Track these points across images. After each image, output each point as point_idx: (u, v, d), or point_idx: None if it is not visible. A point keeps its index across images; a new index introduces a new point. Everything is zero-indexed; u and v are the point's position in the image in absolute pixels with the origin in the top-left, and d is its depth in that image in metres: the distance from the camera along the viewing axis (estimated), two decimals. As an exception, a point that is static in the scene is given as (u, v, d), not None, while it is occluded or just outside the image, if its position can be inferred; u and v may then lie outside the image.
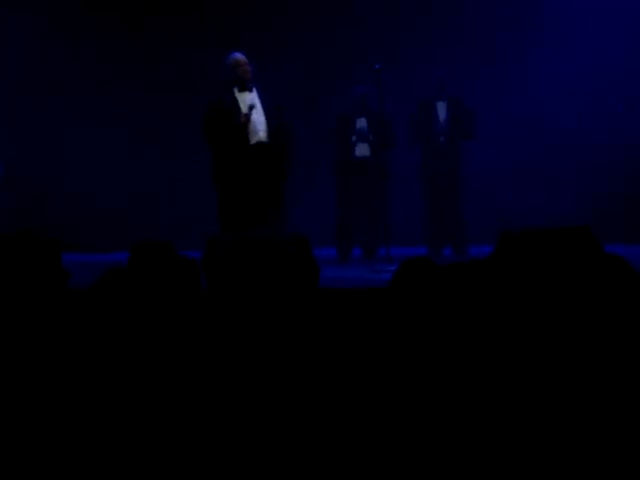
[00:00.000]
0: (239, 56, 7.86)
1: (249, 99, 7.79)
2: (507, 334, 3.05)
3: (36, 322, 3.20)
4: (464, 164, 9.57)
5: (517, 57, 10.61)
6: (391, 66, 9.22)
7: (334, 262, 9.24)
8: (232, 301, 3.18)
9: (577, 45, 10.61)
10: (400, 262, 3.38)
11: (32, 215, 10.27)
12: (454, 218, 9.57)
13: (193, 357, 3.03)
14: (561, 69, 10.61)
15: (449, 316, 3.08)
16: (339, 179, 9.62)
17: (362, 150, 9.53)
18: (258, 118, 7.74)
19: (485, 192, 10.26)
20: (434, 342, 3.01)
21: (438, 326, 3.05)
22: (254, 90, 7.85)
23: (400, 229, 9.42)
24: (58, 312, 3.25)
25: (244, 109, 7.73)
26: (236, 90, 7.82)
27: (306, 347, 3.05)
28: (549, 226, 3.51)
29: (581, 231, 3.47)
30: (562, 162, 10.58)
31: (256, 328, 3.08)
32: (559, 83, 10.62)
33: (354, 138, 9.50)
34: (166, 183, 10.69)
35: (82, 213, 10.55)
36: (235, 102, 7.77)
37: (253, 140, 7.73)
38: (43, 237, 3.75)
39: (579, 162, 10.47)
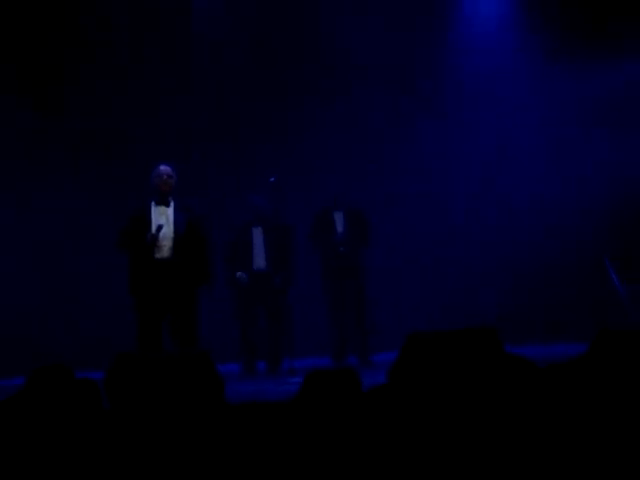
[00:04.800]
0: (161, 169, 7.77)
1: (163, 214, 7.71)
2: (415, 440, 3.02)
3: None
4: (365, 272, 9.63)
5: (410, 164, 10.83)
6: (290, 175, 9.33)
7: (239, 376, 9.15)
8: (135, 420, 3.10)
9: (475, 154, 10.89)
10: (305, 374, 3.34)
11: None
12: (357, 326, 9.58)
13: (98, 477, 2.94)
14: (462, 173, 10.87)
15: (359, 427, 3.04)
16: (238, 292, 9.57)
17: (259, 263, 9.52)
18: (165, 234, 7.67)
19: (389, 298, 10.31)
20: (345, 454, 2.97)
21: (348, 438, 3.01)
22: (171, 204, 7.78)
23: (303, 340, 9.39)
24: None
25: (159, 222, 7.66)
26: (153, 203, 7.76)
27: (213, 463, 2.98)
28: (454, 328, 3.52)
29: (485, 332, 3.49)
30: (465, 265, 10.74)
31: (161, 446, 2.99)
32: (461, 184, 10.85)
33: (255, 251, 9.50)
34: (68, 303, 10.46)
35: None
36: (147, 218, 7.70)
37: (157, 255, 7.65)
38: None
39: (483, 263, 10.66)
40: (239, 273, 9.43)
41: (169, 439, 3.02)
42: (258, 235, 9.54)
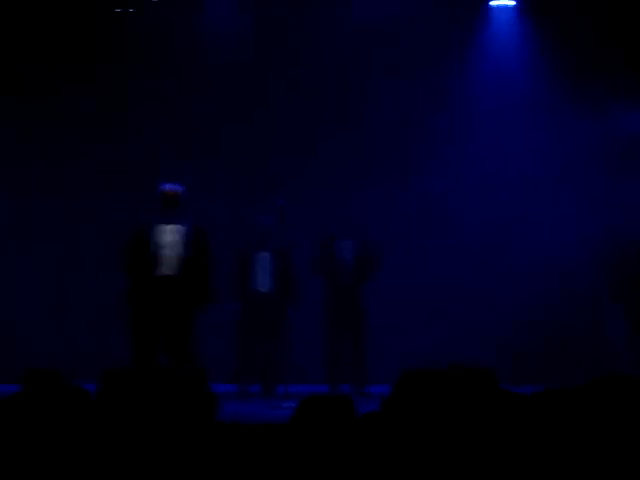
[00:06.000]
0: (167, 187, 7.79)
1: (169, 232, 7.70)
2: (407, 471, 3.02)
3: None
4: (367, 302, 9.60)
5: (421, 187, 10.78)
6: (296, 200, 9.30)
7: (233, 397, 9.13)
8: (126, 433, 3.09)
9: (481, 180, 10.85)
10: (300, 399, 3.34)
11: None
12: (355, 356, 9.55)
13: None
14: (464, 207, 10.83)
15: (351, 454, 3.04)
16: (238, 314, 9.56)
17: (263, 285, 9.51)
18: (169, 252, 7.66)
19: (388, 331, 10.23)
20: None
21: (338, 463, 3.01)
22: (179, 222, 7.76)
23: (301, 366, 9.36)
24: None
25: (163, 239, 7.65)
26: (161, 220, 7.76)
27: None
28: (450, 366, 3.51)
29: (481, 373, 3.48)
30: (469, 301, 10.66)
31: (151, 462, 2.99)
32: (468, 221, 10.80)
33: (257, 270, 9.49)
34: (68, 313, 10.43)
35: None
36: (151, 234, 7.69)
37: (159, 272, 7.64)
38: None
39: (487, 302, 10.59)
40: (230, 304, 9.44)
41: (157, 454, 3.01)
42: (264, 257, 9.54)
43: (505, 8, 11.09)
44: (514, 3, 11.08)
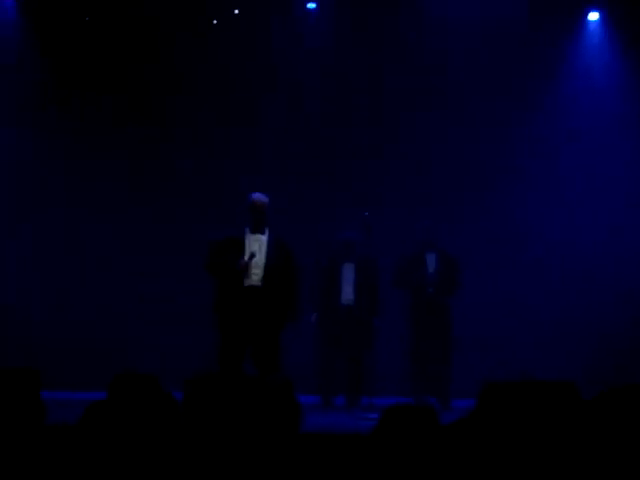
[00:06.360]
0: (257, 197, 7.88)
1: (257, 242, 7.79)
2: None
3: (14, 457, 3.16)
4: (453, 315, 9.56)
5: (509, 208, 10.70)
6: (380, 213, 9.31)
7: (316, 408, 9.16)
8: (211, 441, 3.15)
9: (573, 199, 10.74)
10: (382, 410, 3.36)
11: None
12: (440, 369, 9.52)
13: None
14: (549, 217, 10.72)
15: (430, 465, 3.05)
16: (321, 325, 9.60)
17: (347, 296, 9.53)
18: (257, 263, 7.75)
19: (474, 344, 10.16)
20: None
21: (421, 473, 3.02)
22: (266, 232, 7.86)
23: (386, 379, 9.35)
24: (37, 447, 3.21)
25: (252, 249, 7.74)
26: (248, 230, 7.86)
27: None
28: (534, 379, 3.51)
29: (563, 385, 3.47)
30: (553, 316, 10.57)
31: (236, 470, 3.03)
32: (554, 238, 10.70)
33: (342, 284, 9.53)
34: (156, 321, 10.57)
35: (61, 348, 10.40)
36: (241, 244, 7.79)
37: (246, 283, 7.74)
38: (21, 368, 3.71)
39: (573, 316, 10.48)
40: (313, 315, 9.49)
41: (241, 463, 3.06)
42: (349, 270, 9.57)
43: (599, 22, 10.93)
44: (597, 16, 10.92)
